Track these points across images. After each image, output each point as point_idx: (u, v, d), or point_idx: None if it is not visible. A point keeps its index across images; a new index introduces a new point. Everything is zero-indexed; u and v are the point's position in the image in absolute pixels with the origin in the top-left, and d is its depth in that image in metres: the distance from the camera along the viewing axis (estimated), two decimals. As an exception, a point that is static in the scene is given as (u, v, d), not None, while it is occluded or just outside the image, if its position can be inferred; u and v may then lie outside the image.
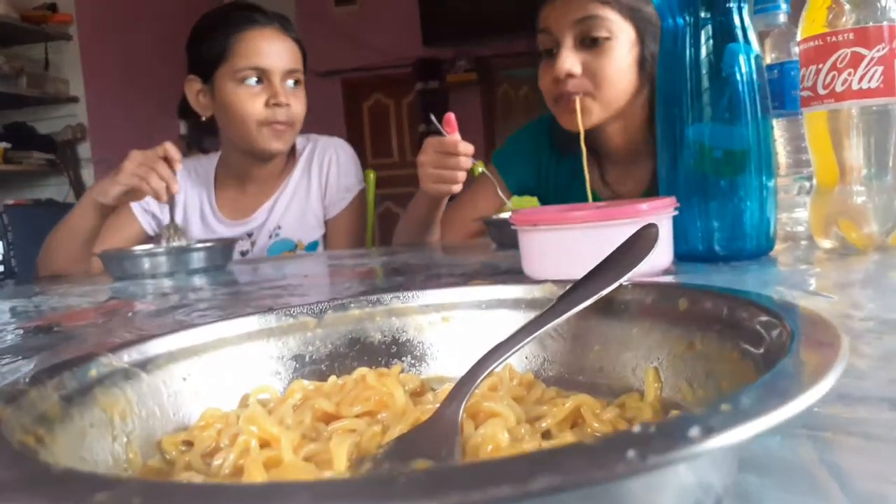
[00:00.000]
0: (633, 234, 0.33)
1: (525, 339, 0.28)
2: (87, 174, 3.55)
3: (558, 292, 0.33)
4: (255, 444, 0.24)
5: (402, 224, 1.30)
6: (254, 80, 1.29)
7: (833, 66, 0.63)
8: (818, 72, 0.64)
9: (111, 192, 1.12)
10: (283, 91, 1.30)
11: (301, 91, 1.35)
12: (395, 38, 4.88)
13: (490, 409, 0.25)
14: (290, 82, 1.32)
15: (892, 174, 0.62)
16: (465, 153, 1.07)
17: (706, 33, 0.63)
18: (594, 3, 1.04)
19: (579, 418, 0.26)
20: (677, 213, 0.60)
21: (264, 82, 1.29)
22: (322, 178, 1.44)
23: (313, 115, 1.47)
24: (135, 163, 1.10)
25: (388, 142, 5.22)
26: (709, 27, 0.63)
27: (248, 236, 1.42)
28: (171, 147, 1.10)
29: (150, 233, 1.40)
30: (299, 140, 1.46)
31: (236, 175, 1.43)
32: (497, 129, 4.95)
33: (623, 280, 0.30)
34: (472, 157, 1.09)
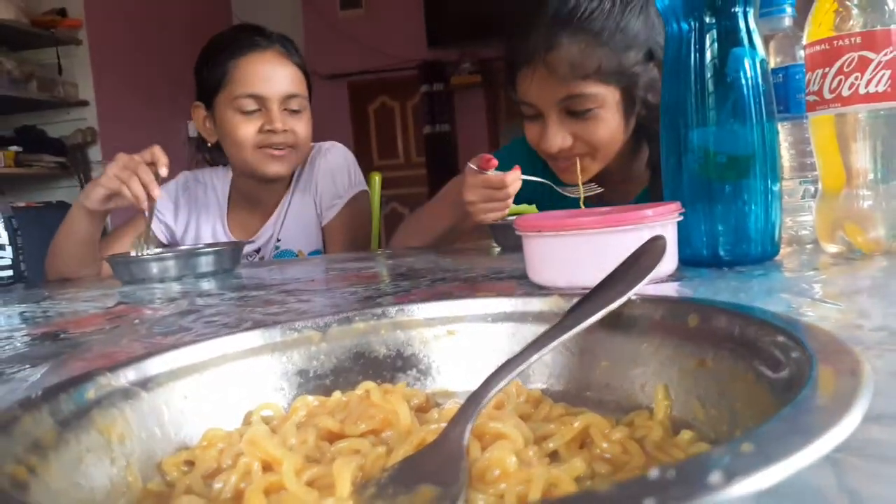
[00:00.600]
0: (640, 245, 0.32)
1: (532, 355, 0.27)
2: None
3: (565, 305, 0.32)
4: (257, 467, 0.23)
5: (412, 230, 1.29)
6: (251, 107, 1.28)
7: (840, 70, 0.62)
8: (824, 76, 0.63)
9: (93, 195, 1.11)
10: (279, 117, 1.29)
11: (304, 114, 1.35)
12: (400, 41, 4.89)
13: (497, 430, 0.24)
14: (292, 106, 1.31)
15: (900, 178, 0.62)
16: (514, 182, 1.00)
17: (711, 38, 0.63)
18: (575, 81, 1.00)
19: (587, 438, 0.25)
20: (682, 218, 0.60)
21: (262, 109, 1.29)
22: (314, 187, 1.44)
23: (320, 119, 1.47)
24: (118, 166, 1.07)
25: (393, 143, 5.24)
26: (714, 31, 0.63)
27: (256, 252, 1.44)
28: (158, 151, 1.08)
29: (164, 241, 1.40)
30: None
31: (245, 198, 1.44)
32: (501, 130, 4.95)
33: (631, 294, 0.30)
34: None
